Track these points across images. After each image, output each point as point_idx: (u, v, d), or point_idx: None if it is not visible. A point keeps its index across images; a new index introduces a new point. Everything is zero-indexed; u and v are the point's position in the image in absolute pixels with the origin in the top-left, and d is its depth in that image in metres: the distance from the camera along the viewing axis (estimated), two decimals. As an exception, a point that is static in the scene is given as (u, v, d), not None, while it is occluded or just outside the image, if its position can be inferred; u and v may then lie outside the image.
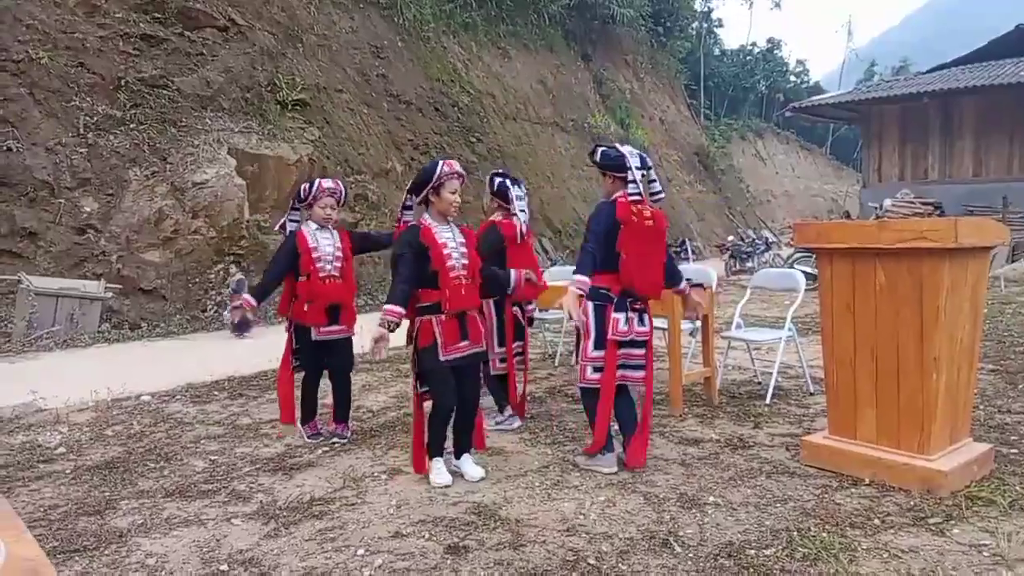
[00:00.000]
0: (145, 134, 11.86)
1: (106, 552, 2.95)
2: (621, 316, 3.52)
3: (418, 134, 17.91)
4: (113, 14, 12.52)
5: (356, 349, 4.61)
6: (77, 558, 2.90)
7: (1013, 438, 3.85)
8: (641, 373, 3.66)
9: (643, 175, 3.62)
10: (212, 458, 4.22)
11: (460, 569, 2.67)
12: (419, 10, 19.85)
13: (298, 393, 4.59)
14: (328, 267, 4.35)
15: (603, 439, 3.58)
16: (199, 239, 11.85)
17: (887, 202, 16.60)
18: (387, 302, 3.55)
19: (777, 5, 49.18)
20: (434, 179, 3.57)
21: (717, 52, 47.72)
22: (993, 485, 3.18)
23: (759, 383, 5.32)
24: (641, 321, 3.61)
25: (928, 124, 17.40)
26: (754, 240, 18.40)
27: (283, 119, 14.43)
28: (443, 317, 3.51)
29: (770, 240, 19.32)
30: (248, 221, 12.62)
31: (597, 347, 3.58)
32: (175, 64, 13.10)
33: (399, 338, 7.90)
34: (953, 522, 2.84)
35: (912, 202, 16.45)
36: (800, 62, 55.05)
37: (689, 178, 29.40)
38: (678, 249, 15.83)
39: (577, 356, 3.99)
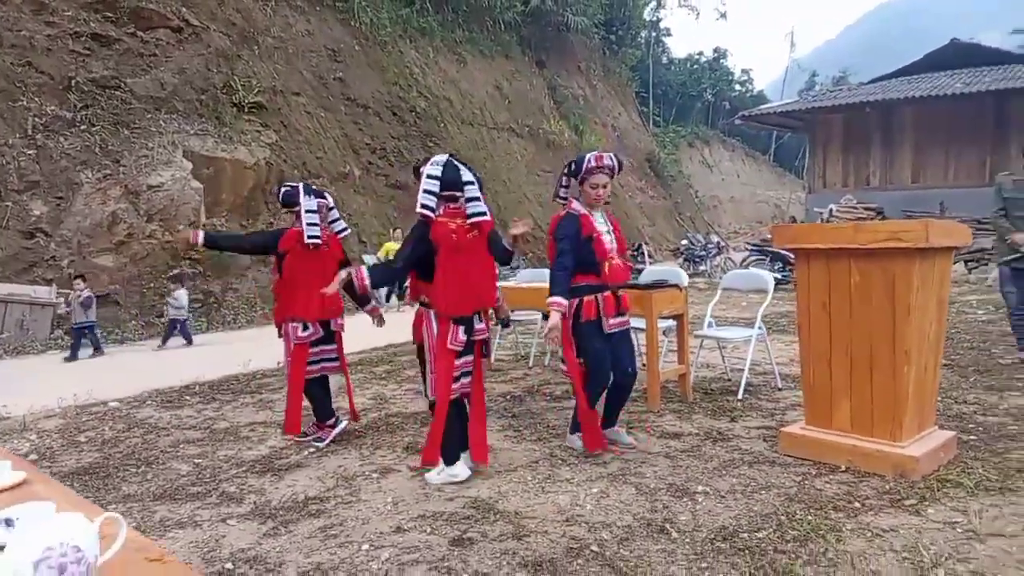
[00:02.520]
0: (97, 136, 11.57)
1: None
2: None
3: (376, 138, 17.85)
4: (62, 12, 12.18)
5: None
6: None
7: (971, 426, 4.10)
8: None
9: None
10: (196, 461, 4.19)
11: (468, 559, 2.74)
12: (376, 14, 19.80)
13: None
14: None
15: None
16: (154, 243, 11.61)
17: (832, 207, 17.22)
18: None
19: (723, 16, 50.42)
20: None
21: (665, 61, 48.69)
22: (959, 469, 3.40)
23: (729, 380, 5.52)
24: None
25: (870, 133, 18.12)
26: (706, 244, 18.85)
27: (239, 122, 14.22)
28: None
29: (720, 244, 19.83)
30: (205, 225, 12.41)
31: None
32: (127, 65, 12.80)
33: (373, 340, 7.85)
34: (927, 503, 3.04)
35: (855, 207, 17.10)
36: (745, 71, 56.54)
37: (640, 184, 29.94)
38: (635, 253, 16.12)
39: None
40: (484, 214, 3.56)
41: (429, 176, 3.48)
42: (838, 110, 18.52)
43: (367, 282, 3.47)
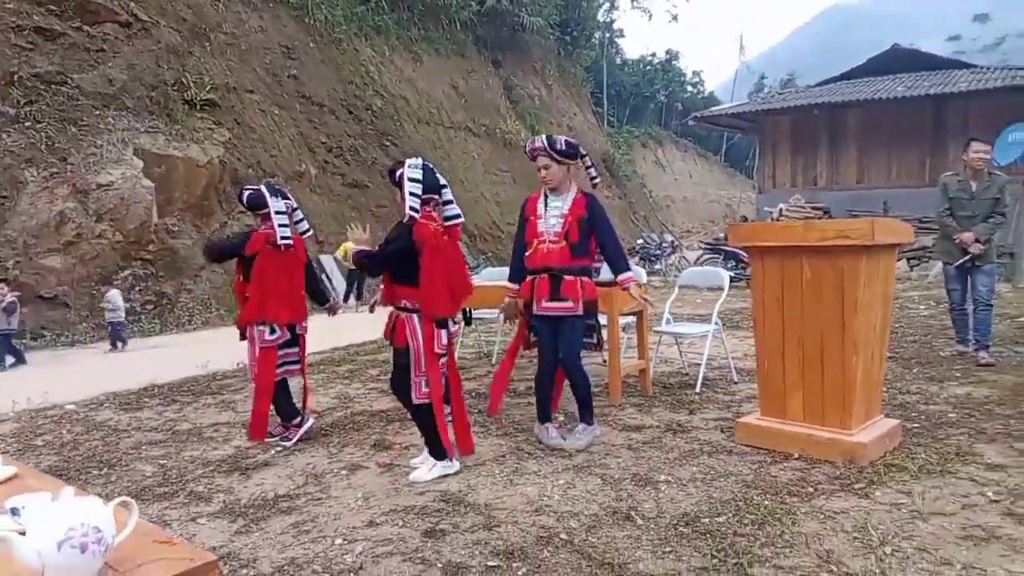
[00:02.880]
0: (42, 133, 11.25)
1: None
2: None
3: (331, 136, 17.71)
4: (3, 5, 11.81)
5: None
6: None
7: (914, 414, 4.32)
8: None
9: (591, 160, 3.98)
10: (160, 462, 4.16)
11: (441, 550, 2.81)
12: (330, 12, 19.63)
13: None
14: None
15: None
16: (104, 243, 11.34)
17: (781, 207, 17.71)
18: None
19: (674, 18, 51.21)
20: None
21: (619, 61, 49.22)
22: (903, 454, 3.60)
23: (687, 374, 5.69)
24: None
25: (817, 134, 18.68)
26: (660, 243, 19.19)
27: (191, 119, 13.97)
28: None
29: (675, 243, 20.21)
30: (157, 224, 12.17)
31: None
32: (74, 60, 12.48)
33: (333, 340, 7.84)
34: (874, 486, 3.22)
35: (803, 207, 17.61)
36: (696, 73, 57.55)
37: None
38: (654, 247, 16.35)
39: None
40: (459, 216, 3.65)
41: (411, 179, 3.49)
42: (787, 112, 19.05)
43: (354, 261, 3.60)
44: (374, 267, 3.63)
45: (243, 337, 4.51)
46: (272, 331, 4.30)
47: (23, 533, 1.09)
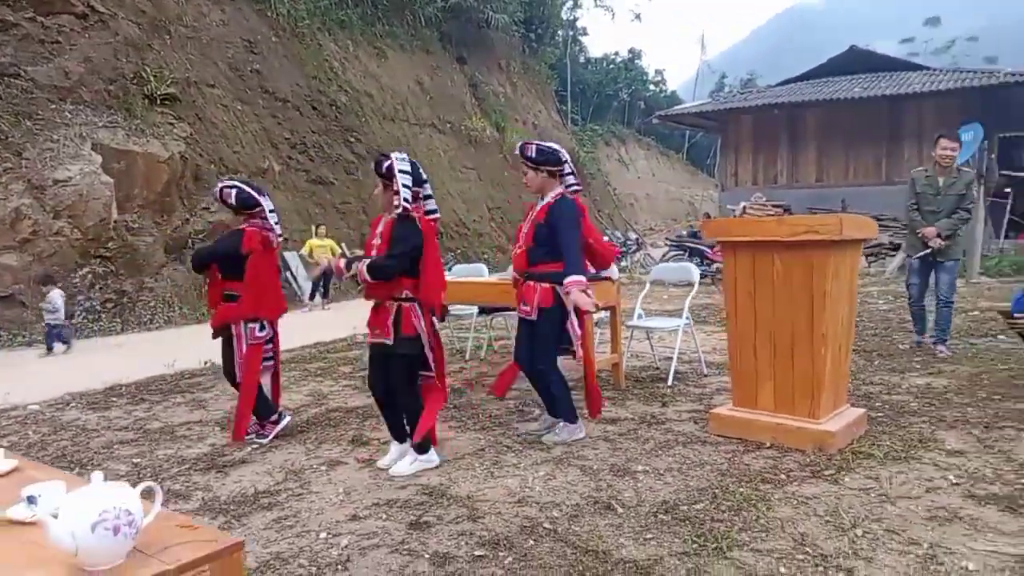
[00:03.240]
0: (-4, 127, 10.93)
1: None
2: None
3: (295, 132, 17.51)
4: (-47, -6, 11.44)
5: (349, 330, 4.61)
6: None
7: (877, 404, 4.48)
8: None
9: (570, 167, 3.98)
10: (134, 461, 4.11)
11: (427, 541, 2.85)
12: (293, 5, 19.40)
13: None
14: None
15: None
16: (62, 241, 11.07)
17: (744, 204, 18.04)
18: None
19: (637, 17, 51.66)
20: None
21: (582, 60, 49.45)
22: (869, 442, 3.73)
23: (658, 368, 5.80)
24: None
25: (778, 134, 19.06)
26: (626, 241, 19.39)
27: (151, 114, 13.69)
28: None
29: (639, 240, 20.44)
30: (116, 221, 11.92)
31: (580, 325, 3.92)
32: (28, 52, 12.14)
33: (301, 338, 7.81)
34: (843, 472, 3.34)
35: (764, 205, 17.97)
36: (659, 72, 58.06)
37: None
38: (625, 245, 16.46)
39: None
40: (437, 211, 3.70)
41: (402, 171, 3.53)
42: (748, 111, 19.39)
43: (367, 276, 3.48)
44: (391, 274, 3.52)
45: (216, 335, 4.47)
46: (262, 328, 4.30)
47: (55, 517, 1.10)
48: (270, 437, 4.34)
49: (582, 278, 3.73)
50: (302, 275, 14.91)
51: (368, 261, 3.52)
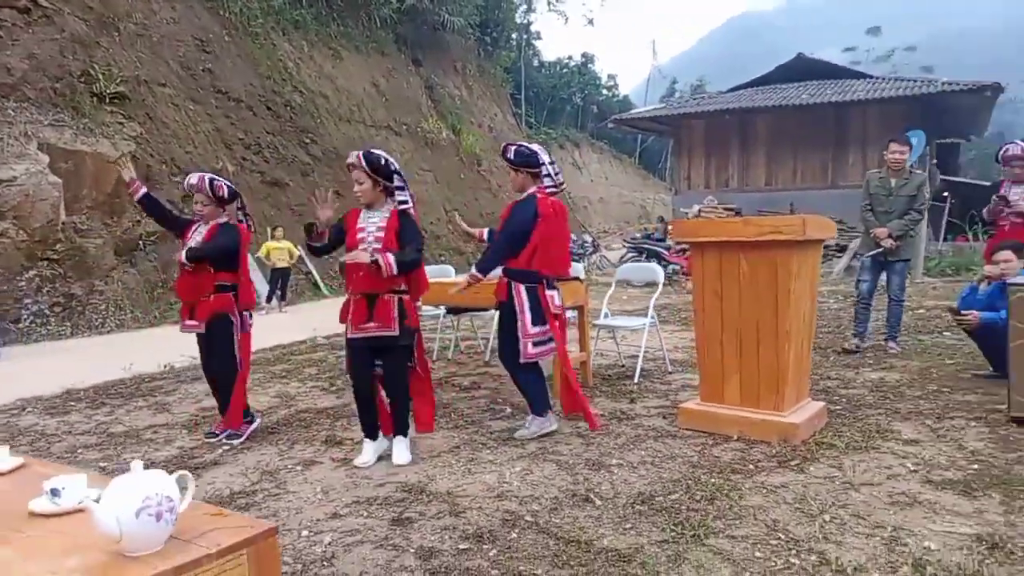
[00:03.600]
0: (-64, 124, 10.52)
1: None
2: (554, 293, 3.96)
3: (249, 133, 17.22)
4: None
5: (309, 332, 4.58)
6: None
7: (835, 397, 4.67)
8: (552, 345, 4.08)
9: (553, 168, 4.06)
10: (100, 465, 4.03)
11: (410, 536, 2.88)
12: (246, 4, 19.09)
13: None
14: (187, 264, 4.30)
15: (578, 388, 4.02)
16: (7, 242, 10.70)
17: (695, 208, 18.41)
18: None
19: (590, 22, 52.15)
20: None
21: (536, 64, 49.70)
22: (831, 433, 3.90)
23: (623, 366, 5.92)
24: (558, 298, 4.06)
25: (729, 138, 19.49)
26: (583, 243, 19.58)
27: (100, 113, 13.33)
28: (356, 296, 3.70)
29: (596, 243, 20.67)
30: (64, 223, 11.57)
31: (536, 323, 3.94)
32: (-33, 47, 11.71)
33: (261, 341, 7.68)
34: (808, 462, 3.48)
35: (716, 208, 18.37)
36: (611, 76, 58.64)
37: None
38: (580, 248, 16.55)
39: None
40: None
41: (397, 172, 3.74)
42: (701, 116, 19.79)
43: (394, 270, 3.56)
44: (416, 267, 3.71)
45: (208, 328, 4.38)
46: (250, 315, 4.40)
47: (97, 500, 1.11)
48: (243, 438, 4.31)
49: (479, 275, 4.04)
50: (258, 277, 14.67)
51: (396, 255, 3.56)
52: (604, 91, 56.59)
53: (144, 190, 4.43)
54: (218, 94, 16.95)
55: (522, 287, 3.98)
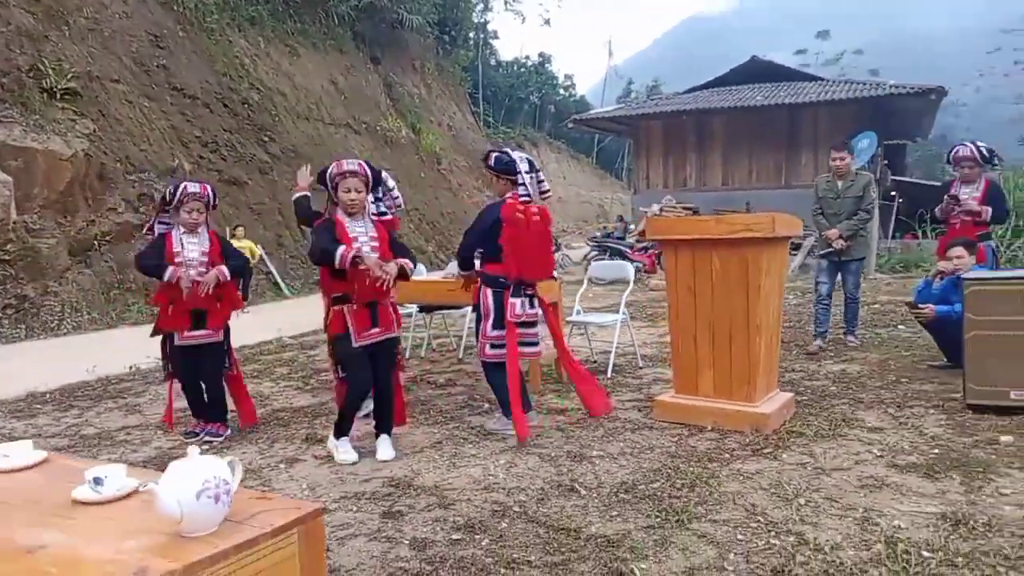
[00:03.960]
0: None
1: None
2: (518, 301, 3.99)
3: (206, 131, 16.92)
4: None
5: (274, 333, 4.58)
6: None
7: (801, 389, 4.86)
8: (535, 348, 4.17)
9: (531, 178, 4.12)
10: (76, 467, 3.98)
11: (403, 528, 2.93)
12: (200, -1, 18.76)
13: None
14: (192, 272, 4.24)
15: (516, 401, 3.98)
16: (-45, 242, 10.36)
17: (655, 207, 18.71)
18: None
19: (547, 22, 52.39)
20: (329, 179, 3.76)
21: (493, 63, 49.75)
22: (800, 422, 4.07)
23: (595, 361, 6.04)
24: (531, 304, 4.11)
25: (686, 139, 19.86)
26: (544, 241, 19.71)
27: (51, 109, 12.97)
28: (353, 306, 3.70)
29: (557, 242, 20.84)
30: (16, 222, 11.23)
31: (496, 327, 4.00)
32: (-89, 40, 11.28)
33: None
34: (781, 450, 3.64)
35: (675, 207, 18.71)
36: (568, 76, 59.01)
37: (477, 184, 30.52)
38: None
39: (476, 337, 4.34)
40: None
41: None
42: (659, 117, 20.11)
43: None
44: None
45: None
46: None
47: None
48: (223, 437, 4.30)
49: (463, 273, 4.34)
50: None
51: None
52: (561, 91, 56.91)
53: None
54: (173, 91, 16.61)
55: (489, 291, 4.08)
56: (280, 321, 9.19)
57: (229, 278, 4.33)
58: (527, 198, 4.10)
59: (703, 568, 2.51)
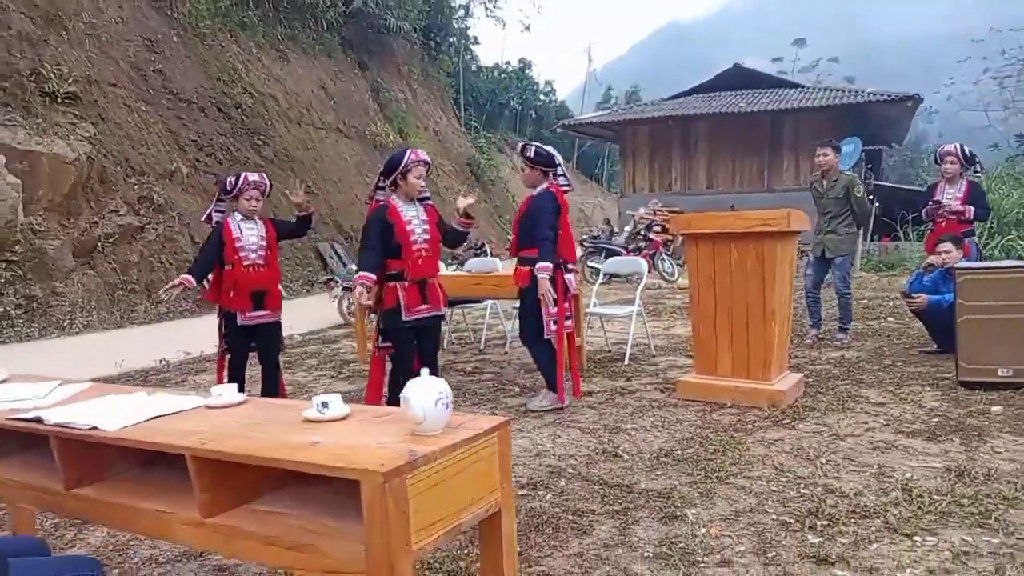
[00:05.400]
0: None
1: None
2: (572, 277, 4.45)
3: (202, 135, 17.13)
4: None
5: (285, 331, 4.89)
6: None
7: (806, 372, 5.25)
8: (571, 322, 4.60)
9: (564, 169, 4.56)
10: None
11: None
12: (194, 5, 18.95)
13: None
14: (252, 256, 4.57)
15: (563, 372, 4.46)
16: (-35, 244, 10.51)
17: (641, 210, 19.21)
18: (359, 269, 4.02)
19: (527, 28, 52.77)
20: (402, 166, 4.12)
21: (474, 68, 50.13)
22: (810, 399, 4.49)
23: (610, 351, 6.42)
24: (575, 280, 4.60)
25: (672, 144, 20.41)
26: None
27: (53, 113, 13.14)
28: (406, 284, 4.07)
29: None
30: (22, 224, 11.40)
31: (555, 305, 4.39)
32: (-87, 44, 11.41)
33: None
34: (797, 421, 4.04)
35: (660, 210, 19.22)
36: (548, 82, 59.49)
37: (462, 188, 30.80)
38: (478, 251, 16.91)
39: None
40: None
41: None
42: (645, 122, 20.66)
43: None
44: None
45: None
46: None
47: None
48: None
49: (548, 265, 4.29)
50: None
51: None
52: (542, 96, 57.41)
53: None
54: (169, 95, 16.81)
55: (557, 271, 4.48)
56: (287, 320, 9.46)
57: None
58: (568, 187, 4.54)
59: (746, 512, 2.89)
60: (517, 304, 5.24)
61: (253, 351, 4.69)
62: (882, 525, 2.69)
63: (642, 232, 16.00)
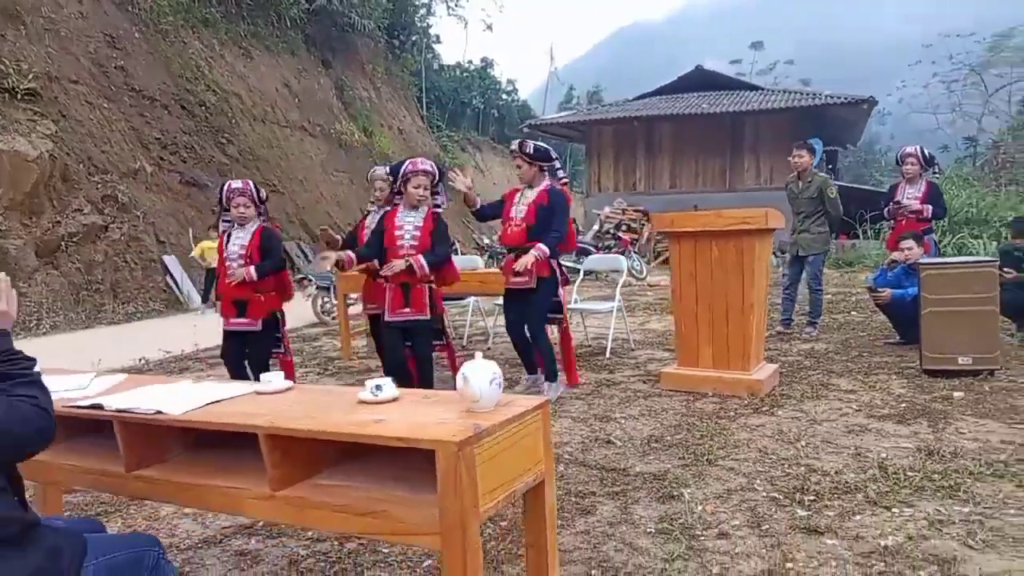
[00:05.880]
0: None
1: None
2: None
3: (166, 132, 16.91)
4: None
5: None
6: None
7: (779, 362, 5.51)
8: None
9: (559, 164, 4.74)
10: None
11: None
12: (155, 0, 18.68)
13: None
14: (234, 265, 4.61)
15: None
16: (-76, 243, 10.26)
17: (607, 209, 19.52)
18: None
19: (489, 27, 52.87)
20: (400, 176, 4.25)
21: (436, 67, 50.06)
22: (786, 388, 4.73)
23: (590, 345, 6.62)
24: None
25: (636, 144, 20.79)
26: (488, 245, 20.30)
27: (13, 110, 12.87)
28: (391, 286, 4.23)
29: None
30: (-16, 223, 11.17)
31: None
32: None
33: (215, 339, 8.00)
34: (776, 408, 4.28)
35: (625, 210, 19.56)
36: (511, 81, 59.68)
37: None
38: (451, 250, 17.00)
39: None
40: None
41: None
42: (609, 123, 20.99)
43: (426, 271, 4.24)
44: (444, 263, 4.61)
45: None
46: None
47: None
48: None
49: (547, 252, 4.51)
50: (184, 280, 14.50)
51: (426, 256, 4.23)
52: (504, 95, 57.59)
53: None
54: (132, 92, 16.55)
55: (557, 266, 4.69)
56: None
57: (256, 278, 4.54)
58: (566, 179, 4.75)
59: (738, 490, 3.10)
60: (500, 300, 5.43)
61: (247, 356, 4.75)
62: (863, 499, 2.92)
63: (610, 231, 16.28)
